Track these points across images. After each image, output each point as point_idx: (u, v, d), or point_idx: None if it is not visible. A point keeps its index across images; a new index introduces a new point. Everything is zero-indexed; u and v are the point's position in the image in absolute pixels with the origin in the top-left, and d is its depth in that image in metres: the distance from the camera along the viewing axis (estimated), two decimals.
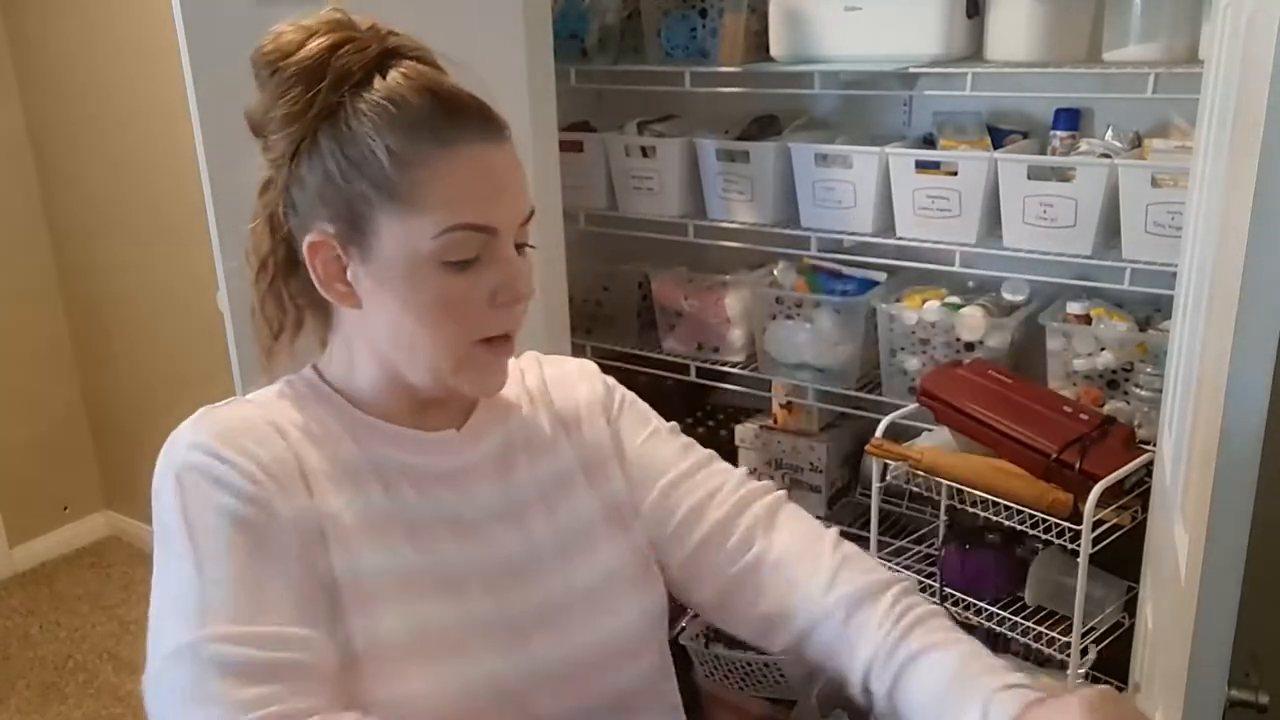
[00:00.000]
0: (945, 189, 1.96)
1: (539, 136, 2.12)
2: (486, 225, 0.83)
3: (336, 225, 0.84)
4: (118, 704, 2.67)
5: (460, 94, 0.83)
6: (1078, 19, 1.88)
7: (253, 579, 0.77)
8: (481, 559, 0.89)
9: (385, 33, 0.86)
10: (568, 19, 2.37)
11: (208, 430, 0.83)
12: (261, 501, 0.80)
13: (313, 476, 0.85)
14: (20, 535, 3.29)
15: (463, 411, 0.96)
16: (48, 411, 3.30)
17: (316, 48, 0.82)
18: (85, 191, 3.06)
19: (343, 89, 0.82)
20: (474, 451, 0.94)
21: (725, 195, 2.25)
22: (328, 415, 0.90)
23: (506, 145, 0.85)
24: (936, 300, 2.06)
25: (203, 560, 0.77)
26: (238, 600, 0.76)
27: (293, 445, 0.85)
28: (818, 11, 2.05)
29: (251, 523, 0.79)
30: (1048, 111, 1.98)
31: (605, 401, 1.03)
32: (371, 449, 0.89)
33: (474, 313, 0.84)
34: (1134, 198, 1.77)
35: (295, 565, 0.80)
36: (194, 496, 0.80)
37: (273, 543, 0.79)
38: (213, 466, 0.80)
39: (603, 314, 2.55)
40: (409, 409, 0.91)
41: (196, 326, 2.80)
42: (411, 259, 0.82)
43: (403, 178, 0.81)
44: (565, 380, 1.04)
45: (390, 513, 0.87)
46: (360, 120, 0.81)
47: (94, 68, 2.88)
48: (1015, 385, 1.87)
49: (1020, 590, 1.89)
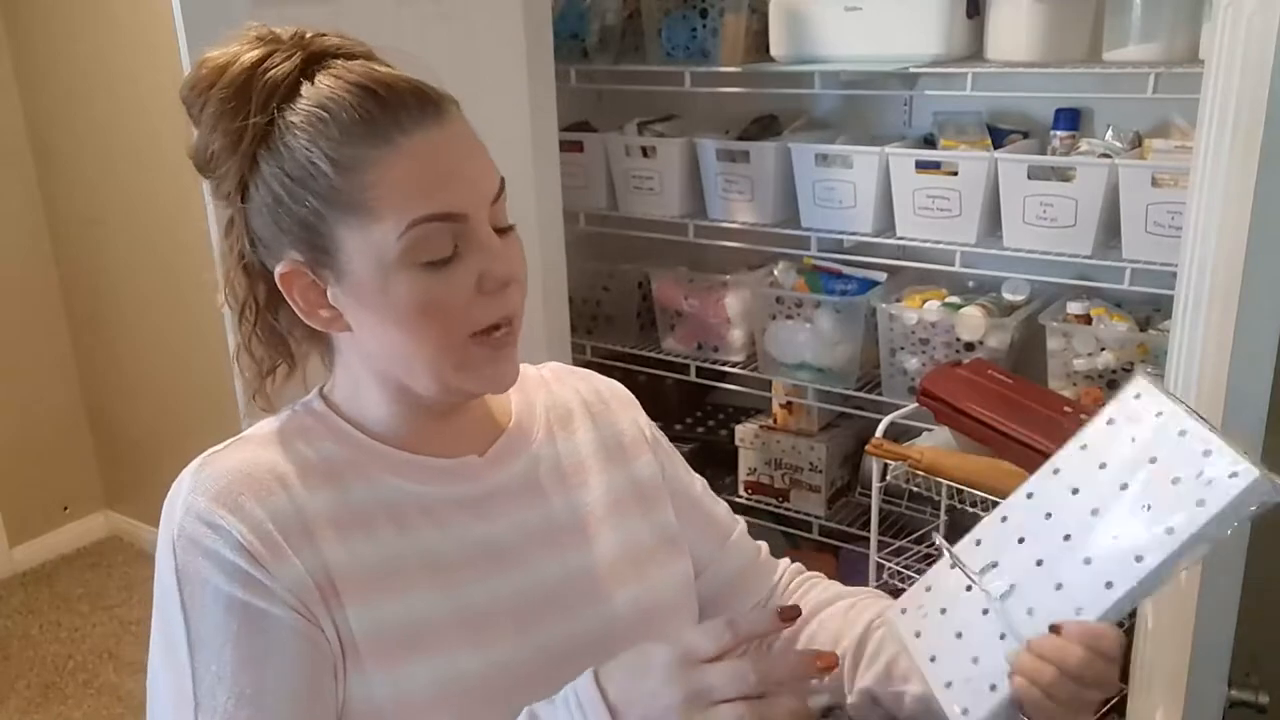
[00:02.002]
0: (945, 189, 1.96)
1: (539, 136, 2.12)
2: (450, 212, 0.76)
3: (301, 250, 0.79)
4: (118, 704, 2.67)
5: (391, 81, 0.77)
6: (1078, 19, 1.88)
7: (246, 676, 0.74)
8: (514, 590, 0.84)
9: (310, 37, 0.80)
10: (568, 19, 2.37)
11: (205, 489, 0.78)
12: (258, 583, 0.76)
13: (319, 528, 0.79)
14: (20, 535, 3.28)
15: (484, 435, 0.90)
16: (48, 411, 3.30)
17: (238, 69, 0.78)
18: (85, 191, 3.06)
19: (271, 106, 0.77)
20: (501, 475, 0.88)
21: (725, 195, 2.25)
22: (335, 449, 0.84)
23: (453, 123, 0.79)
24: (936, 300, 2.06)
25: (198, 648, 0.75)
26: (233, 698, 0.74)
27: (295, 496, 0.80)
28: (818, 11, 2.05)
29: (247, 610, 0.75)
30: (1048, 111, 1.98)
31: (649, 434, 1.01)
32: (384, 485, 0.84)
33: (461, 307, 0.78)
34: (1134, 198, 1.77)
35: (293, 656, 0.76)
36: (189, 573, 0.76)
37: (270, 634, 0.75)
38: (206, 538, 0.76)
39: (603, 314, 2.55)
40: (424, 432, 0.86)
41: (197, 326, 2.81)
42: (381, 267, 0.76)
43: (350, 185, 0.75)
44: (603, 403, 1.00)
45: (407, 555, 0.81)
46: (294, 135, 0.76)
47: (94, 67, 2.88)
48: (1015, 385, 1.86)
49: None
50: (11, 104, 3.08)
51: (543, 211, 2.17)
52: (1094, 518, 0.77)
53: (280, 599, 0.76)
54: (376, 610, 0.79)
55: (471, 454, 0.88)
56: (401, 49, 0.83)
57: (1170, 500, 0.74)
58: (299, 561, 0.77)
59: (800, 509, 2.33)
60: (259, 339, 0.86)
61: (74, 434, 3.37)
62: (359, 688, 0.77)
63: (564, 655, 0.82)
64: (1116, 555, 0.75)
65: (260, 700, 0.74)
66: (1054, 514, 0.80)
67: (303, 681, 0.76)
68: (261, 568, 0.76)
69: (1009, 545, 0.81)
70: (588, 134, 2.43)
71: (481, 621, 0.81)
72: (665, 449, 1.03)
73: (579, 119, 2.48)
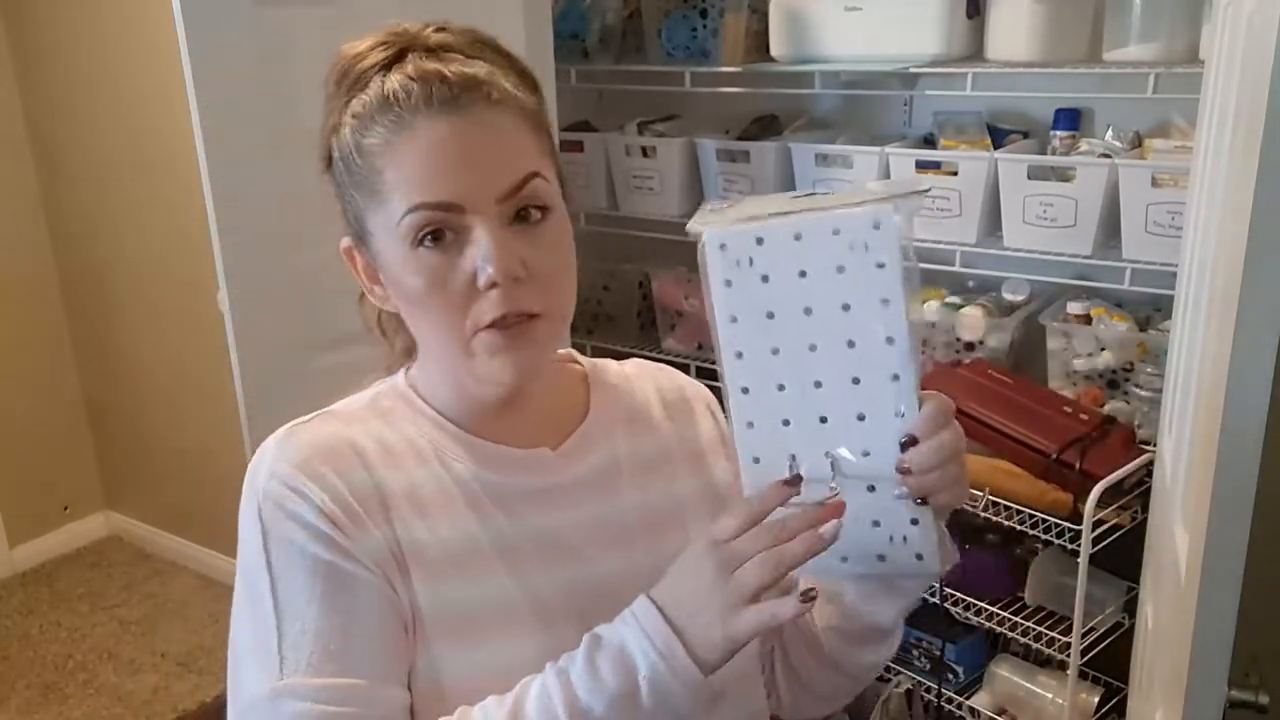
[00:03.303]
0: (945, 189, 1.96)
1: None
2: (444, 202, 0.76)
3: (350, 230, 0.84)
4: (118, 704, 2.67)
5: (428, 71, 0.78)
6: (1078, 19, 1.88)
7: (331, 630, 0.76)
8: (578, 584, 0.85)
9: (428, 32, 0.81)
10: (568, 19, 2.37)
11: (289, 457, 0.81)
12: (340, 545, 0.78)
13: (395, 504, 0.82)
14: (20, 535, 3.29)
15: (559, 429, 0.90)
16: (48, 412, 3.30)
17: (348, 57, 0.81)
18: (85, 191, 3.07)
19: (349, 95, 0.80)
20: (571, 471, 0.89)
21: (726, 195, 2.25)
22: (414, 431, 0.86)
23: (477, 112, 0.78)
24: (936, 300, 2.06)
25: (283, 606, 0.77)
26: (317, 652, 0.75)
27: (374, 472, 0.82)
28: (818, 11, 2.05)
29: (331, 570, 0.78)
30: (1048, 111, 1.98)
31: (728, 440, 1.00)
32: (458, 469, 0.85)
33: (462, 300, 0.78)
34: (1134, 198, 1.77)
35: (376, 615, 0.78)
36: (275, 535, 0.78)
37: (353, 592, 0.78)
38: (292, 501, 0.79)
39: (603, 314, 2.55)
40: (494, 422, 0.87)
41: (197, 326, 2.81)
42: (394, 250, 0.79)
43: (370, 170, 0.78)
44: (685, 402, 0.99)
45: (479, 538, 0.83)
46: (346, 123, 0.80)
47: (94, 67, 2.88)
48: (1015, 385, 1.87)
49: (1020, 590, 1.89)
50: (11, 104, 3.09)
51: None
52: (815, 353, 0.74)
53: (360, 562, 0.78)
54: (444, 590, 0.81)
55: (544, 446, 0.88)
56: None
57: (854, 284, 0.72)
58: (377, 532, 0.80)
59: None
60: (370, 309, 0.90)
61: (74, 434, 3.37)
62: (423, 662, 0.79)
63: None
64: (870, 355, 0.73)
65: (345, 655, 0.76)
66: (784, 383, 0.76)
67: (386, 638, 0.78)
68: (342, 532, 0.78)
69: (788, 437, 0.77)
70: (588, 134, 2.43)
71: (546, 612, 0.83)
72: None
73: (579, 119, 2.48)
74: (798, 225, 0.74)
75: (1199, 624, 0.90)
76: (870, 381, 0.74)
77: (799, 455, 0.77)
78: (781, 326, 0.75)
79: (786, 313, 0.75)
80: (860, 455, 0.76)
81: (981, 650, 2.06)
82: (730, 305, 0.76)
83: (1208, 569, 0.89)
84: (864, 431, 0.75)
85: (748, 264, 0.75)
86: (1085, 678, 1.90)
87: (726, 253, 0.75)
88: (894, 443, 0.74)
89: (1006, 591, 1.91)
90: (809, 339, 0.75)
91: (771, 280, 0.75)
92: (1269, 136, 0.79)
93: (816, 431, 0.76)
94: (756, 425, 0.78)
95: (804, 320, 0.74)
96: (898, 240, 0.72)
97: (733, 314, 0.76)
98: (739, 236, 0.75)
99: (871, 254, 0.72)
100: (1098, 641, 1.81)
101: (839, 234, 0.72)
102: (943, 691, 1.99)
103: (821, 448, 0.76)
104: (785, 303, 0.75)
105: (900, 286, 0.72)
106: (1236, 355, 0.84)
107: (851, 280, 0.73)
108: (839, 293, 0.73)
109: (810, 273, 0.74)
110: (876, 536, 0.77)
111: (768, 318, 0.75)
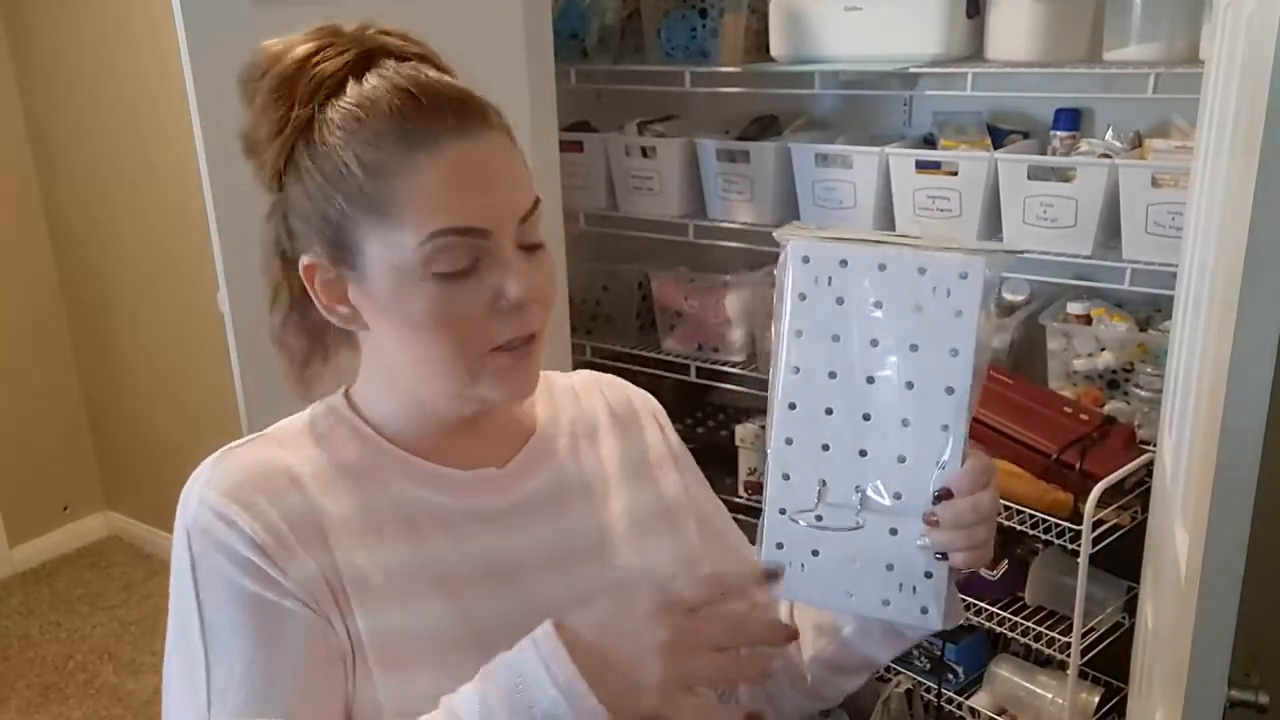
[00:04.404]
0: (945, 189, 1.96)
1: (539, 136, 2.12)
2: (473, 227, 0.75)
3: (324, 246, 0.79)
4: (118, 704, 2.67)
5: (435, 87, 0.76)
6: (1078, 19, 1.88)
7: (259, 668, 0.74)
8: (524, 609, 0.81)
9: (371, 33, 0.80)
10: (568, 19, 2.37)
11: (220, 483, 0.78)
12: (270, 578, 0.76)
13: (333, 530, 0.79)
14: (20, 535, 3.29)
15: (504, 446, 0.89)
16: (48, 412, 3.30)
17: (291, 60, 0.78)
18: (86, 192, 3.07)
19: (314, 100, 0.77)
20: (520, 490, 0.87)
21: (725, 195, 2.25)
22: (355, 453, 0.83)
23: (492, 136, 0.78)
24: None
25: (211, 641, 0.75)
26: (244, 692, 0.74)
27: (310, 497, 0.79)
28: (818, 11, 2.05)
29: (259, 603, 0.75)
30: (1048, 111, 1.98)
31: (676, 450, 0.99)
32: (401, 492, 0.83)
33: (478, 322, 0.77)
34: (1134, 198, 1.77)
35: (305, 652, 0.76)
36: (204, 566, 0.76)
37: (282, 627, 0.75)
38: (219, 531, 0.76)
39: (603, 314, 2.55)
40: (441, 440, 0.85)
41: (197, 326, 2.81)
42: (401, 273, 0.76)
43: (378, 188, 0.75)
44: (633, 415, 0.98)
45: (419, 566, 0.81)
46: (331, 132, 0.76)
47: (94, 67, 2.88)
48: (1015, 385, 1.87)
49: (1020, 590, 1.89)
50: (11, 104, 3.09)
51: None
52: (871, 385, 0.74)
53: (291, 594, 0.76)
54: (384, 618, 0.78)
55: (490, 466, 0.87)
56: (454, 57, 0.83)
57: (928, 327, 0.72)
58: (310, 560, 0.77)
59: None
60: (293, 328, 0.86)
61: (74, 434, 3.37)
62: (365, 690, 0.77)
63: None
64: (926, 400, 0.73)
65: (271, 693, 0.74)
66: (834, 408, 0.75)
67: (314, 675, 0.76)
68: (273, 563, 0.76)
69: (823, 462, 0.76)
70: (588, 134, 2.43)
71: (489, 639, 0.78)
72: (690, 467, 1.01)
73: (579, 119, 2.48)
74: (884, 255, 0.74)
75: (1199, 624, 0.90)
76: (920, 426, 0.74)
77: (829, 482, 0.76)
78: (845, 351, 0.75)
79: (853, 339, 0.75)
80: (892, 496, 0.75)
81: (982, 650, 2.06)
82: (800, 319, 0.76)
83: (1208, 569, 0.89)
84: (902, 474, 0.75)
85: (826, 282, 0.75)
86: (1085, 678, 1.90)
87: (808, 266, 0.76)
88: (928, 491, 0.74)
89: (1006, 591, 1.91)
90: (869, 370, 0.75)
91: (846, 303, 0.75)
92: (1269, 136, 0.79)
93: (853, 463, 0.76)
94: (796, 443, 0.78)
95: (869, 351, 0.74)
96: (980, 294, 0.72)
97: (800, 329, 0.76)
98: (824, 253, 0.75)
99: (952, 301, 0.72)
100: (1098, 641, 1.81)
101: (924, 273, 0.73)
102: (943, 691, 1.99)
103: (854, 480, 0.76)
104: (854, 329, 0.75)
105: (973, 340, 0.72)
106: (1236, 355, 0.84)
107: (926, 322, 0.73)
108: (911, 332, 0.73)
109: (886, 305, 0.74)
110: (887, 580, 0.77)
111: (833, 340, 0.75)
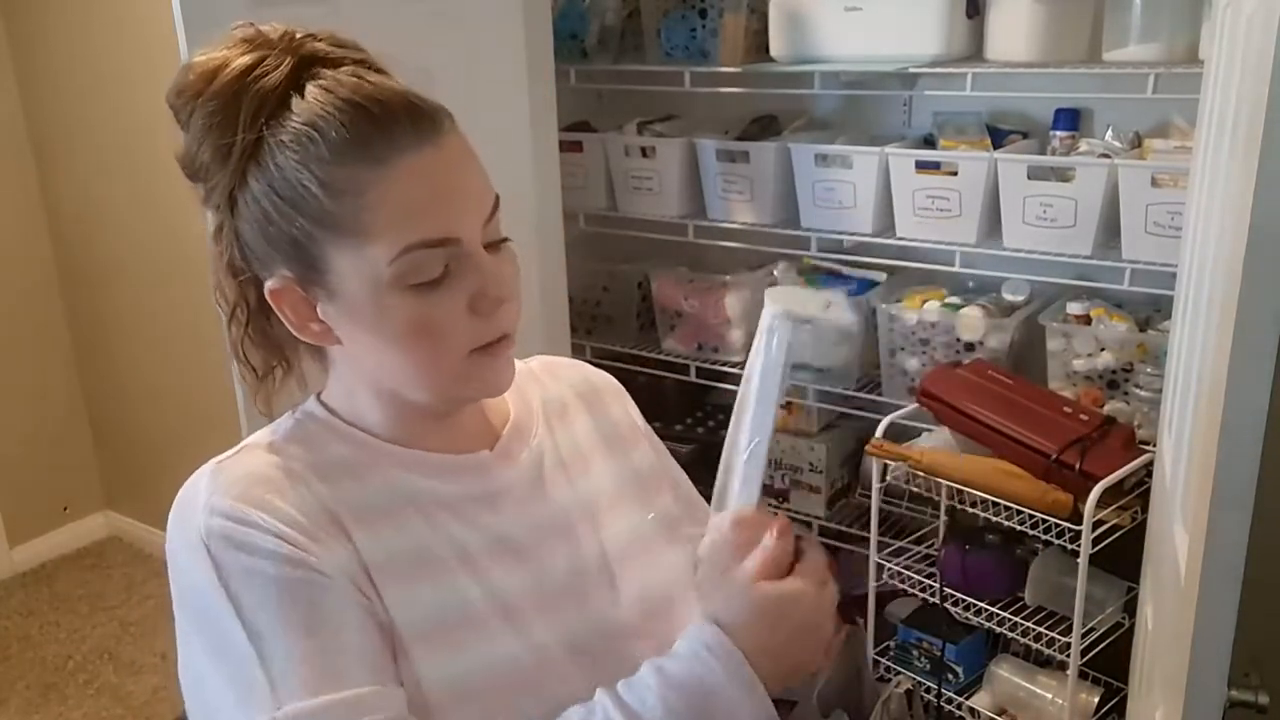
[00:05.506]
0: (945, 189, 1.96)
1: (539, 136, 2.12)
2: (444, 238, 0.75)
3: (292, 268, 0.78)
4: (118, 704, 2.67)
5: (384, 97, 0.75)
6: (1078, 19, 1.88)
7: (316, 647, 0.73)
8: (534, 581, 0.84)
9: (300, 39, 0.78)
10: (568, 19, 2.37)
11: (225, 491, 0.77)
12: (300, 560, 0.75)
13: (347, 519, 0.79)
14: (20, 535, 3.29)
15: (486, 431, 0.90)
16: (48, 412, 3.30)
17: (227, 78, 0.76)
18: (86, 192, 3.06)
19: (260, 122, 0.75)
20: (510, 471, 0.89)
21: (725, 195, 2.25)
22: (345, 451, 0.84)
23: (447, 139, 0.77)
24: (936, 300, 2.06)
25: (259, 637, 0.73)
26: (307, 672, 0.72)
27: (317, 491, 0.79)
28: (818, 11, 2.05)
29: (299, 586, 0.74)
30: (1048, 111, 1.98)
31: (641, 424, 1.02)
32: (401, 480, 0.83)
33: (456, 328, 0.78)
34: (1134, 198, 1.77)
35: (355, 619, 0.75)
36: (232, 570, 0.74)
37: (326, 602, 0.75)
38: (239, 532, 0.75)
39: (603, 314, 2.55)
40: (424, 433, 0.86)
41: (197, 327, 2.81)
42: (375, 289, 0.75)
43: (342, 207, 0.74)
44: (595, 392, 1.00)
45: (437, 546, 0.81)
46: (284, 154, 0.74)
47: (94, 67, 2.88)
48: (1015, 385, 1.87)
49: (1020, 590, 1.89)
50: (11, 103, 3.08)
51: (542, 211, 2.18)
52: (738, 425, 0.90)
53: (329, 578, 0.75)
54: (414, 598, 0.78)
55: (481, 449, 0.88)
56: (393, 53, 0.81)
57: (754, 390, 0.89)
58: (339, 547, 0.77)
59: (800, 509, 2.33)
60: (252, 342, 0.85)
61: (74, 434, 3.37)
62: (404, 674, 0.76)
63: (583, 642, 0.83)
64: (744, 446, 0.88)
65: (339, 668, 0.73)
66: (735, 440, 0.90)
67: (371, 641, 0.75)
68: (304, 554, 0.75)
69: None
70: (587, 134, 2.43)
71: (511, 613, 0.82)
72: (656, 441, 1.04)
73: (579, 119, 2.48)
74: None
75: (1199, 624, 0.90)
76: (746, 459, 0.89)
77: None
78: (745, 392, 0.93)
79: None
80: None
81: (981, 650, 2.06)
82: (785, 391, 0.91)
83: (1208, 569, 0.89)
84: None
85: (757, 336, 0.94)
86: (1085, 678, 1.90)
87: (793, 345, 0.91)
88: None
89: (1006, 591, 1.91)
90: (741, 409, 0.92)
91: None
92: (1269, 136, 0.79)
93: None
94: None
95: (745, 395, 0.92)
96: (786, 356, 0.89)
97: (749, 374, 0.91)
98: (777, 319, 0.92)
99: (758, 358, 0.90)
100: (1098, 641, 1.81)
101: None
102: (943, 691, 1.99)
103: None
104: None
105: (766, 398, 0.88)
106: (1236, 355, 0.84)
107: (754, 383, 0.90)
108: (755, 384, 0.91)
109: None
110: None
111: None
